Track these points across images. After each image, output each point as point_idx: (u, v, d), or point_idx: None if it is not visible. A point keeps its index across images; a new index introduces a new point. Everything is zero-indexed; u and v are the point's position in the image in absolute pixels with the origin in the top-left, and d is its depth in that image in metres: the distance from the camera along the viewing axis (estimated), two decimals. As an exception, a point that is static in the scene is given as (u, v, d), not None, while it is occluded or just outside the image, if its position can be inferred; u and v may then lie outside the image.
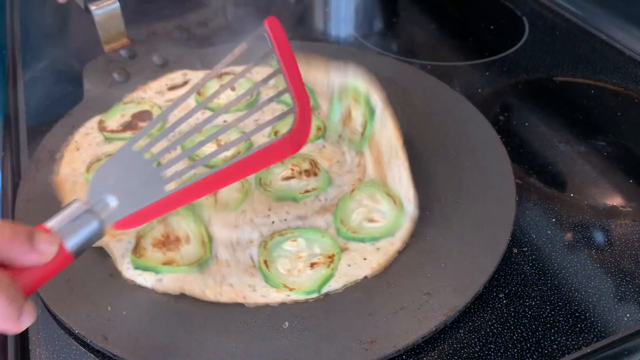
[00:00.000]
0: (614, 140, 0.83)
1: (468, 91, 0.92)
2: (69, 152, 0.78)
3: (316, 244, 0.65)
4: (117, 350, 0.56)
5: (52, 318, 0.60)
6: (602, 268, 0.65)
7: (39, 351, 0.58)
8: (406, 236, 0.66)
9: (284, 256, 0.64)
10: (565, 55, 1.01)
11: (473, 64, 0.99)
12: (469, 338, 0.59)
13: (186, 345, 0.57)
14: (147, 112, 0.84)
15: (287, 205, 0.71)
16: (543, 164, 0.80)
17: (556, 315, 0.61)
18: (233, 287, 0.61)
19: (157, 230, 0.66)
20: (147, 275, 0.62)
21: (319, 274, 0.62)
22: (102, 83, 0.89)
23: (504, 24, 1.12)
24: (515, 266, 0.66)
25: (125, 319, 0.59)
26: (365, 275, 0.63)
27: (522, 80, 0.95)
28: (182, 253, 0.64)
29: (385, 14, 1.20)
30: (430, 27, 1.14)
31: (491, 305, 0.62)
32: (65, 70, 0.97)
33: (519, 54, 1.01)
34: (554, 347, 0.58)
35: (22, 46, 1.05)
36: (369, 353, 0.55)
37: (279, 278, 0.62)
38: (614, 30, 1.05)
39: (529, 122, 0.87)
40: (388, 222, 0.67)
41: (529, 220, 0.71)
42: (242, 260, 0.65)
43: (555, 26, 1.09)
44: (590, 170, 0.79)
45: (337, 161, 0.77)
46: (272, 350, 0.56)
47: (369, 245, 0.66)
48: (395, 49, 1.05)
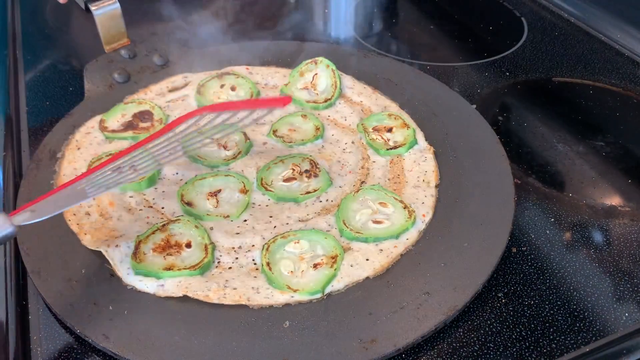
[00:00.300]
0: (612, 140, 0.84)
1: (467, 91, 0.92)
2: (70, 151, 0.78)
3: (319, 245, 0.66)
4: (119, 350, 0.56)
5: (54, 317, 0.61)
6: (600, 267, 0.66)
7: (40, 350, 0.58)
8: (410, 244, 0.67)
9: (286, 258, 0.64)
10: (564, 55, 1.01)
11: (472, 64, 1.00)
12: (469, 337, 0.59)
13: (187, 345, 0.57)
14: (147, 112, 0.84)
15: (287, 209, 0.71)
16: (542, 164, 0.80)
17: (555, 315, 0.61)
18: (237, 290, 0.62)
19: (157, 236, 0.66)
20: (148, 280, 0.62)
21: (322, 274, 0.62)
22: (103, 83, 0.90)
23: (503, 24, 1.12)
24: (514, 266, 0.66)
25: (126, 318, 0.59)
26: (367, 276, 0.63)
27: (521, 80, 0.96)
28: (183, 257, 0.64)
29: (384, 15, 1.20)
30: (430, 28, 1.14)
31: (490, 304, 0.62)
32: (66, 70, 0.97)
33: (518, 55, 1.02)
34: (553, 346, 0.58)
35: (23, 46, 1.05)
36: (368, 352, 0.56)
37: (282, 280, 0.62)
38: (613, 31, 1.05)
39: (528, 122, 0.87)
40: (393, 225, 0.68)
41: (528, 220, 0.72)
42: (244, 263, 0.65)
43: (554, 27, 1.10)
44: (589, 170, 0.79)
45: (337, 161, 0.78)
46: (273, 349, 0.56)
47: (372, 245, 0.66)
48: (395, 49, 1.05)
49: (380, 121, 0.83)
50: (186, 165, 0.76)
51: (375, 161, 0.78)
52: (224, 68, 0.92)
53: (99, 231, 0.67)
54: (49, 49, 1.03)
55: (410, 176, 0.75)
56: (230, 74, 0.91)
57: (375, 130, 0.81)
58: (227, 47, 0.98)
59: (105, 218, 0.69)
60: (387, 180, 0.75)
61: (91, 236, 0.66)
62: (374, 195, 0.71)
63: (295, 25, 1.11)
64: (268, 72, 0.93)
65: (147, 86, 0.90)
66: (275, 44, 0.99)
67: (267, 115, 0.75)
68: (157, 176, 0.75)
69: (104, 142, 0.80)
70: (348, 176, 0.75)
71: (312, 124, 0.83)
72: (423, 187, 0.73)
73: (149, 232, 0.66)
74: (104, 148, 0.79)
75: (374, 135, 0.80)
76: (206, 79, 0.90)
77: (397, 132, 0.81)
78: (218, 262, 0.65)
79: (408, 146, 0.78)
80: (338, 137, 0.82)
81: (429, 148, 0.78)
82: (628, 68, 0.98)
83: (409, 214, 0.69)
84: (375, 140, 0.80)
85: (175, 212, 0.70)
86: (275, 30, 1.07)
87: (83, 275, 0.63)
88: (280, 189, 0.73)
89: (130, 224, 0.68)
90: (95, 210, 0.70)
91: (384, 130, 0.81)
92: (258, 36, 1.03)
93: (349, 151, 0.79)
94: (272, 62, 0.95)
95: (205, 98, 0.87)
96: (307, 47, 0.98)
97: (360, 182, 0.75)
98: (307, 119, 0.83)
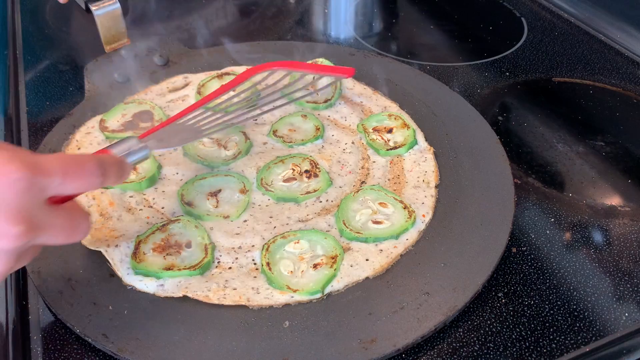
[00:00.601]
0: (612, 140, 0.84)
1: (467, 92, 0.92)
2: (70, 151, 0.78)
3: (319, 245, 0.66)
4: (118, 350, 0.56)
5: (53, 317, 0.61)
6: (600, 267, 0.66)
7: (40, 350, 0.58)
8: (410, 244, 0.67)
9: (286, 258, 0.64)
10: (564, 55, 1.01)
11: (472, 64, 1.00)
12: (468, 337, 0.59)
13: (187, 344, 0.57)
14: (147, 112, 0.84)
15: (288, 209, 0.71)
16: (542, 164, 0.80)
17: (555, 315, 0.61)
18: (236, 290, 0.62)
19: (157, 236, 0.66)
20: (148, 280, 0.62)
21: (322, 274, 0.62)
22: (103, 83, 0.90)
23: (503, 24, 1.12)
24: (514, 266, 0.66)
25: (126, 318, 0.59)
26: (367, 276, 0.63)
27: (521, 80, 0.96)
28: (182, 257, 0.64)
29: (384, 15, 1.20)
30: (430, 28, 1.14)
31: (490, 304, 0.62)
32: (66, 70, 0.97)
33: (517, 55, 1.02)
34: (553, 346, 0.58)
35: (23, 46, 1.05)
36: (368, 352, 0.56)
37: (282, 280, 0.62)
38: (613, 31, 1.05)
39: (528, 122, 0.87)
40: (393, 225, 0.68)
41: (528, 220, 0.72)
42: (244, 263, 0.65)
43: (554, 27, 1.10)
44: (589, 170, 0.79)
45: (337, 161, 0.78)
46: (273, 349, 0.56)
47: (371, 246, 0.66)
48: (395, 49, 1.05)
49: (380, 122, 0.83)
50: (186, 165, 0.76)
51: (375, 161, 0.78)
52: (224, 68, 0.92)
53: (98, 231, 0.67)
54: (49, 49, 1.03)
55: (410, 176, 0.75)
56: (231, 74, 0.91)
57: (375, 131, 0.81)
58: (227, 47, 0.98)
59: (105, 218, 0.69)
60: (387, 180, 0.75)
61: (91, 236, 0.66)
62: (374, 195, 0.71)
63: (295, 26, 1.11)
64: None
65: (148, 86, 0.90)
66: (275, 44, 0.99)
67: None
68: (157, 176, 0.75)
69: (104, 142, 0.80)
70: (348, 176, 0.75)
71: (312, 124, 0.83)
72: (423, 188, 0.73)
73: (149, 232, 0.66)
74: (104, 148, 0.79)
75: (374, 135, 0.80)
76: (206, 79, 0.90)
77: (397, 132, 0.81)
78: (218, 262, 0.65)
79: (408, 146, 0.78)
80: (338, 137, 0.82)
81: (429, 148, 0.78)
82: (628, 68, 0.98)
83: (409, 214, 0.69)
84: (375, 140, 0.80)
85: (175, 212, 0.70)
86: (275, 30, 1.07)
87: (83, 275, 0.63)
88: (280, 189, 0.73)
89: (130, 223, 0.68)
90: (95, 210, 0.70)
91: (384, 130, 0.81)
92: (258, 36, 1.03)
93: (349, 151, 0.79)
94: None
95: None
96: (307, 47, 0.98)
97: (360, 182, 0.75)
98: (307, 119, 0.83)
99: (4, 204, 0.44)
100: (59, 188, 0.47)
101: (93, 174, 0.50)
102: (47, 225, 0.47)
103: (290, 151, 0.79)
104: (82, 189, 0.51)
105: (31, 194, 0.45)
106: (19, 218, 0.44)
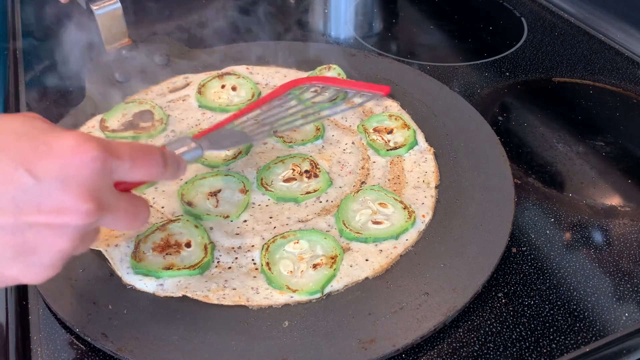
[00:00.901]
0: (612, 140, 0.84)
1: (467, 92, 0.92)
2: (70, 151, 0.78)
3: (318, 245, 0.66)
4: (118, 349, 0.56)
5: (53, 317, 0.61)
6: (600, 268, 0.66)
7: (40, 350, 0.58)
8: (410, 244, 0.67)
9: (286, 258, 0.64)
10: (564, 55, 1.01)
11: (472, 64, 1.00)
12: (468, 337, 0.59)
13: (187, 344, 0.57)
14: (148, 112, 0.84)
15: (287, 209, 0.71)
16: (542, 164, 0.80)
17: (555, 315, 0.61)
18: (236, 290, 0.62)
19: (156, 235, 0.66)
20: (148, 280, 0.62)
21: (321, 274, 0.62)
22: (103, 82, 0.89)
23: (503, 24, 1.12)
24: (514, 266, 0.66)
25: (125, 317, 0.59)
26: (367, 276, 0.63)
27: (521, 80, 0.96)
28: (182, 257, 0.64)
29: (384, 15, 1.20)
30: (430, 28, 1.14)
31: (490, 304, 0.62)
32: (67, 69, 0.97)
33: (517, 55, 1.02)
34: (553, 346, 0.58)
35: (23, 46, 1.05)
36: (368, 352, 0.56)
37: (281, 280, 0.62)
38: (613, 31, 1.05)
39: (528, 122, 0.87)
40: (393, 225, 0.68)
41: (528, 220, 0.72)
42: (244, 263, 0.65)
43: (554, 27, 1.10)
44: (589, 170, 0.79)
45: (337, 161, 0.78)
46: (272, 349, 0.56)
47: (371, 246, 0.66)
48: (395, 49, 1.05)
49: (380, 122, 0.83)
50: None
51: (375, 162, 0.78)
52: (224, 68, 0.92)
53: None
54: (49, 49, 1.03)
55: (410, 177, 0.75)
56: (231, 74, 0.91)
57: (375, 131, 0.81)
58: (228, 47, 0.98)
59: (105, 218, 0.69)
60: (387, 180, 0.75)
61: (91, 236, 0.66)
62: (373, 195, 0.71)
63: (295, 26, 1.11)
64: (268, 72, 0.93)
65: (148, 86, 0.90)
66: (275, 44, 0.99)
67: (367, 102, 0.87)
68: None
69: (104, 142, 0.80)
70: (348, 176, 0.75)
71: (312, 124, 0.83)
72: (423, 188, 0.73)
73: (149, 232, 0.66)
74: (104, 148, 0.79)
75: (375, 135, 0.80)
76: (207, 79, 0.90)
77: (398, 132, 0.81)
78: (217, 262, 0.65)
79: (408, 147, 0.78)
80: (338, 137, 0.82)
81: (429, 149, 0.78)
82: (628, 68, 0.98)
83: (409, 215, 0.69)
84: (375, 140, 0.80)
85: (175, 212, 0.70)
86: (275, 30, 1.07)
87: (82, 274, 0.63)
88: (280, 189, 0.73)
89: (130, 223, 0.68)
90: (95, 210, 0.70)
91: (385, 131, 0.81)
92: (258, 36, 1.03)
93: (349, 151, 0.79)
94: (273, 62, 0.95)
95: (206, 98, 0.87)
96: (306, 47, 0.98)
97: (360, 182, 0.75)
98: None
99: (78, 182, 0.45)
100: (127, 172, 0.49)
101: (158, 163, 0.52)
102: (114, 208, 0.48)
103: (290, 151, 0.79)
104: (146, 177, 0.52)
105: (103, 174, 0.46)
106: (90, 196, 0.45)
